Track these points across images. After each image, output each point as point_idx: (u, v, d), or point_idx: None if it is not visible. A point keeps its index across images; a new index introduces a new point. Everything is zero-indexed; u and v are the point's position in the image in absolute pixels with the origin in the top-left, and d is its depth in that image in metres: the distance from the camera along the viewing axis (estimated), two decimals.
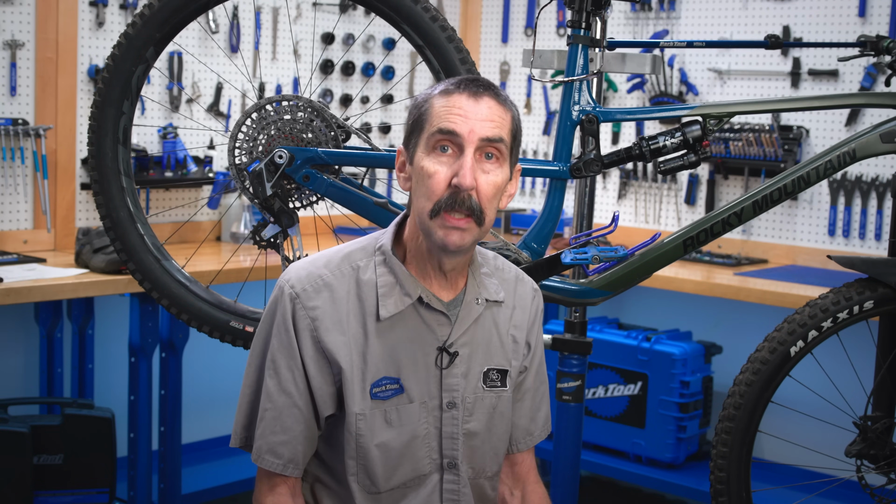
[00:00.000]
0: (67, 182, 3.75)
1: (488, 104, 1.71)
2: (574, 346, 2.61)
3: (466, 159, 1.67)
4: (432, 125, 1.70)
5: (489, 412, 1.83)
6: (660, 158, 2.28)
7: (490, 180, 1.70)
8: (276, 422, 1.75)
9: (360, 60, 4.68)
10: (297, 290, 1.75)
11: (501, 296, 1.86)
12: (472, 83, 1.73)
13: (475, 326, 1.82)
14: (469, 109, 1.69)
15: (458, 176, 1.66)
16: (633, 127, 4.60)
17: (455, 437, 1.79)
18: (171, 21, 2.36)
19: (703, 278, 3.80)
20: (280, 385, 1.75)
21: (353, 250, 1.81)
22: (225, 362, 3.91)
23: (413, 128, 1.75)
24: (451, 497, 1.80)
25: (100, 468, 3.41)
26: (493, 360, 1.84)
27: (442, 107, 1.70)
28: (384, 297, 1.75)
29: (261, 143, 2.34)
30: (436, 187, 1.68)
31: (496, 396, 1.84)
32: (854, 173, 4.01)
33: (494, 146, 1.70)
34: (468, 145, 1.68)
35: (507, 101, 1.75)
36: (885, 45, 2.27)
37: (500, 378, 1.85)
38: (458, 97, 1.70)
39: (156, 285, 2.43)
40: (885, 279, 2.25)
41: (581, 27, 2.32)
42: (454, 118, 1.68)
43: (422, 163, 1.70)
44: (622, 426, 4.13)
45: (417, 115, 1.74)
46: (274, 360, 1.76)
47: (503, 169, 1.72)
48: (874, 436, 2.34)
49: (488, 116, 1.69)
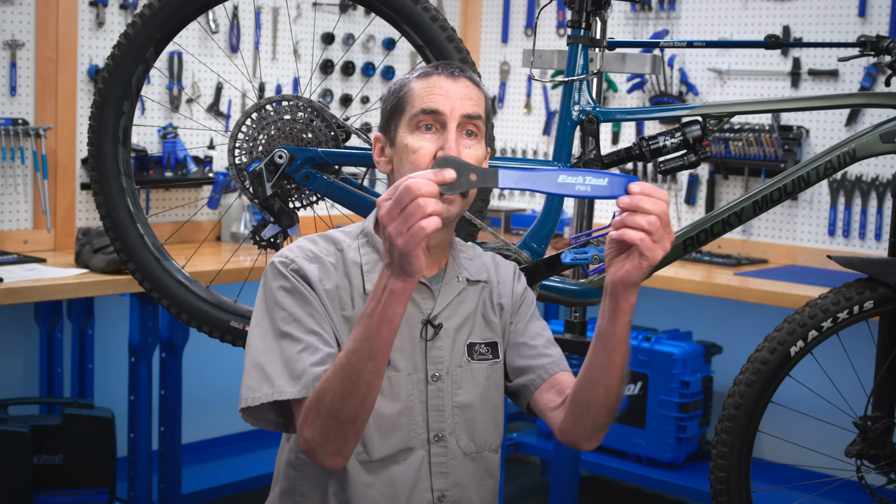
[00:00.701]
0: (67, 182, 3.75)
1: (466, 84, 1.79)
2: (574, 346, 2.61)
3: (451, 133, 1.74)
4: (414, 106, 1.77)
5: (483, 384, 1.86)
6: (660, 158, 2.28)
7: (472, 154, 1.77)
8: (313, 354, 1.70)
9: (360, 60, 4.68)
10: (290, 257, 1.77)
11: (484, 276, 1.91)
12: (449, 66, 1.81)
13: (458, 302, 1.86)
14: (449, 89, 1.77)
15: (445, 149, 1.73)
16: (633, 127, 4.60)
17: (441, 409, 1.82)
18: (171, 21, 2.37)
19: (703, 278, 3.80)
20: (305, 328, 1.72)
21: (336, 235, 1.85)
22: (225, 362, 3.91)
23: (392, 112, 1.81)
24: (439, 470, 1.82)
25: (100, 468, 3.41)
26: (479, 334, 1.88)
27: (423, 88, 1.78)
28: (369, 273, 1.80)
29: (261, 143, 2.34)
30: (421, 161, 1.74)
31: (489, 367, 1.87)
32: (854, 173, 4.01)
33: (474, 123, 1.78)
34: (451, 121, 1.75)
35: (481, 83, 1.84)
36: (885, 45, 2.27)
37: (490, 350, 1.88)
38: (438, 78, 1.78)
39: (156, 285, 2.43)
40: (885, 279, 2.25)
41: (581, 27, 2.32)
42: (436, 97, 1.76)
43: (406, 140, 1.77)
44: (622, 426, 4.13)
45: (396, 100, 1.81)
46: (290, 313, 1.73)
47: (481, 145, 1.80)
48: (874, 436, 2.34)
49: (467, 95, 1.78)
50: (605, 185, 1.58)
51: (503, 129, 5.05)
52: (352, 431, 1.64)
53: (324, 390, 1.62)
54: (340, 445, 1.65)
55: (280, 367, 1.70)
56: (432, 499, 1.81)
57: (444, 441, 1.83)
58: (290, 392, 1.67)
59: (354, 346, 1.59)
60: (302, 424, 1.66)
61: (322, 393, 1.63)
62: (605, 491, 4.37)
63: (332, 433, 1.63)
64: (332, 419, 1.62)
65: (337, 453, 1.66)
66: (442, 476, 1.82)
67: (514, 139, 5.03)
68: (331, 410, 1.61)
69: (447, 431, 1.83)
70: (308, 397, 1.66)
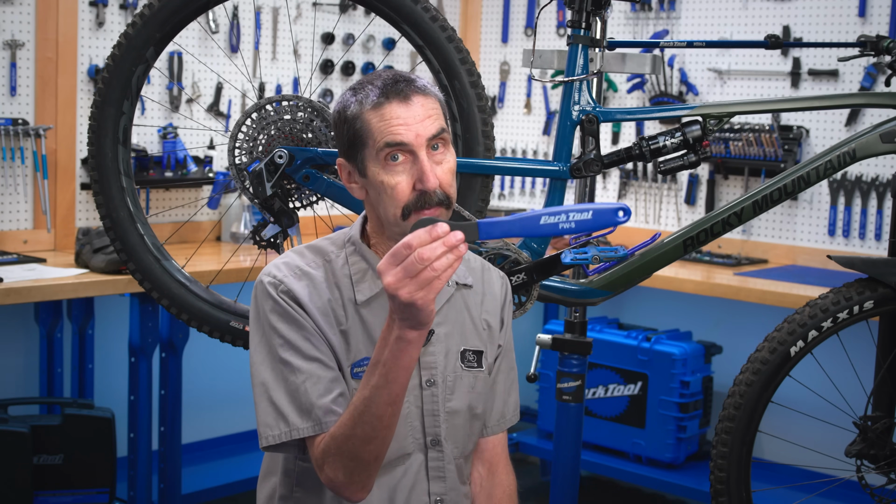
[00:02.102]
0: (67, 182, 3.75)
1: (419, 102, 1.73)
2: (574, 346, 2.61)
3: (423, 164, 1.71)
4: (376, 141, 1.72)
5: (468, 391, 1.88)
6: (660, 158, 2.28)
7: (445, 168, 1.75)
8: (316, 384, 1.72)
9: (360, 60, 4.68)
10: (279, 277, 1.77)
11: (470, 280, 1.92)
12: (394, 87, 1.73)
13: (449, 307, 1.87)
14: (406, 116, 1.71)
15: (422, 181, 1.70)
16: (633, 127, 4.60)
17: (436, 414, 1.83)
18: (172, 21, 2.36)
19: (703, 278, 3.80)
20: (304, 355, 1.74)
21: (323, 246, 1.85)
22: (225, 362, 3.91)
23: (352, 143, 1.76)
24: (437, 474, 1.84)
25: (100, 468, 3.41)
26: (468, 341, 1.89)
27: (379, 122, 1.72)
28: (358, 282, 1.80)
29: (261, 143, 2.34)
30: (400, 196, 1.72)
31: (473, 376, 1.89)
32: (854, 173, 4.01)
33: (439, 138, 1.74)
34: (419, 149, 1.71)
35: (429, 87, 1.77)
36: (885, 45, 2.27)
37: (475, 359, 1.89)
38: (391, 107, 1.71)
39: (156, 285, 2.43)
40: (885, 279, 2.25)
41: (581, 27, 2.32)
42: (396, 129, 1.70)
43: (379, 178, 1.73)
44: (622, 426, 4.13)
45: (352, 132, 1.75)
46: (286, 340, 1.74)
47: (451, 150, 1.78)
48: (874, 436, 2.34)
49: (425, 114, 1.73)
50: (589, 218, 1.57)
51: (503, 129, 5.05)
52: (375, 468, 1.70)
53: (345, 437, 1.66)
54: (365, 482, 1.70)
55: (287, 400, 1.73)
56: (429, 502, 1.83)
57: (440, 446, 1.84)
58: (304, 429, 1.71)
59: (371, 393, 1.62)
60: (323, 464, 1.70)
61: (343, 439, 1.66)
62: (605, 491, 4.37)
63: (357, 473, 1.68)
64: (355, 461, 1.67)
65: (363, 489, 1.71)
66: (439, 480, 1.84)
67: (514, 139, 5.02)
68: (353, 454, 1.66)
69: (442, 436, 1.84)
70: (325, 439, 1.69)
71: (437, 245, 1.49)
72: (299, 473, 1.83)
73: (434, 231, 1.50)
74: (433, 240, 1.50)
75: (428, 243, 1.50)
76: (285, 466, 1.84)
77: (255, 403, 1.76)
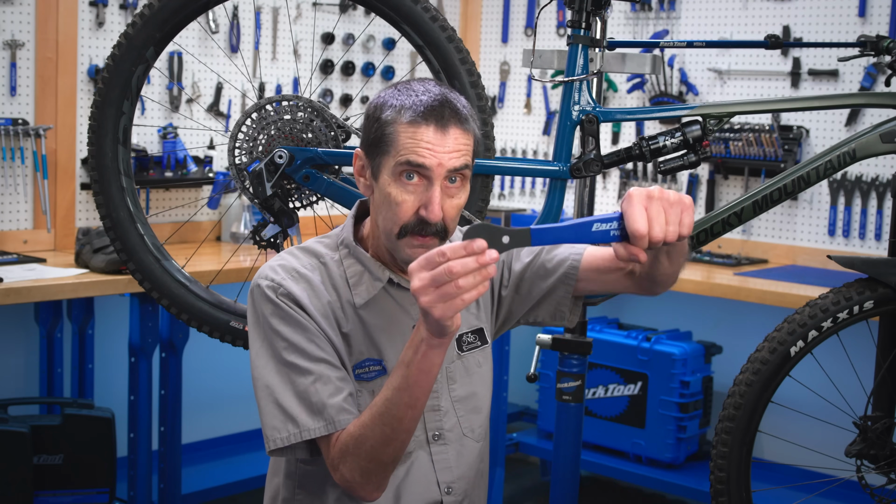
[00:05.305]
0: (67, 182, 3.75)
1: (454, 135, 1.70)
2: (574, 346, 2.61)
3: (435, 193, 1.69)
4: (399, 154, 1.70)
5: (476, 371, 1.89)
6: (660, 158, 2.28)
7: (454, 203, 1.73)
8: (326, 384, 1.71)
9: (360, 60, 4.68)
10: (277, 280, 1.76)
11: None
12: (437, 111, 1.70)
13: None
14: (436, 143, 1.69)
15: (427, 210, 1.69)
16: (633, 127, 4.60)
17: (437, 409, 1.84)
18: (172, 21, 2.36)
19: (703, 278, 3.80)
20: (310, 357, 1.72)
21: (316, 249, 1.84)
22: (225, 362, 3.91)
23: (375, 143, 1.74)
24: (444, 465, 1.85)
25: (100, 468, 3.41)
26: (465, 323, 1.89)
27: (409, 138, 1.69)
28: (355, 285, 1.80)
29: (261, 143, 2.34)
30: (403, 214, 1.71)
31: (479, 353, 1.90)
32: (854, 173, 4.01)
33: (460, 173, 1.72)
34: (436, 179, 1.69)
35: (469, 121, 1.74)
36: (885, 45, 2.27)
37: (477, 338, 1.90)
38: (426, 130, 1.69)
39: (156, 285, 2.43)
40: (885, 279, 2.25)
41: (581, 27, 2.32)
42: (422, 151, 1.68)
43: (388, 189, 1.71)
44: (622, 426, 4.13)
45: (381, 133, 1.72)
46: (290, 342, 1.73)
47: (466, 187, 1.75)
48: (874, 436, 2.34)
49: (455, 147, 1.70)
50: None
51: (503, 129, 5.05)
52: (391, 469, 1.70)
53: (364, 437, 1.65)
54: (381, 482, 1.71)
55: (296, 402, 1.71)
56: (440, 492, 1.84)
57: (444, 438, 1.85)
58: (316, 429, 1.70)
59: (393, 395, 1.62)
60: (339, 464, 1.69)
61: (362, 439, 1.65)
62: (605, 491, 4.37)
63: (374, 474, 1.68)
64: (373, 462, 1.67)
65: (377, 489, 1.71)
66: (447, 470, 1.85)
67: (514, 139, 5.03)
68: (371, 455, 1.66)
69: (446, 428, 1.85)
70: (341, 438, 1.69)
71: (470, 261, 1.47)
72: (301, 476, 1.83)
73: (470, 246, 1.48)
74: (468, 255, 1.48)
75: (461, 257, 1.48)
76: (287, 469, 1.84)
77: (260, 408, 1.74)
